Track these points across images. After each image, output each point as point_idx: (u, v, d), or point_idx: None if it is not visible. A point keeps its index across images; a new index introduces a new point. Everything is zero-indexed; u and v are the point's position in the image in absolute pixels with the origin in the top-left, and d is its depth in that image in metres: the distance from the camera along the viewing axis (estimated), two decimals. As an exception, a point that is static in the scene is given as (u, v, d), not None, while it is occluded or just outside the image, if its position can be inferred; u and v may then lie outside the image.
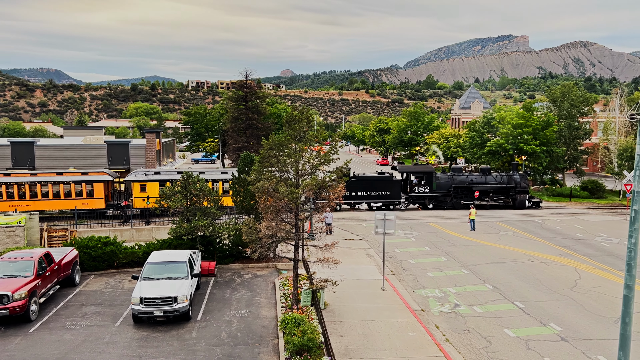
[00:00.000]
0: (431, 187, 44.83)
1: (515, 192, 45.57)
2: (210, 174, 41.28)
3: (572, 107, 58.29)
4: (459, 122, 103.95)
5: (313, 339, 15.87)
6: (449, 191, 45.01)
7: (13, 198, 38.32)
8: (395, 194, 44.09)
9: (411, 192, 44.99)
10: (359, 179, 44.30)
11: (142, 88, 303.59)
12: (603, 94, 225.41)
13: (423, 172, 45.28)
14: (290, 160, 19.18)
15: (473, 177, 45.80)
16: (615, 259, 28.40)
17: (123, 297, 21.81)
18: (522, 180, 45.78)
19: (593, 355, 16.45)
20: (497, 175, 46.25)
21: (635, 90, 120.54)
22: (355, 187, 43.75)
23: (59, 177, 39.34)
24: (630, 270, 9.52)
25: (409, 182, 45.35)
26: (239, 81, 66.99)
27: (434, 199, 45.17)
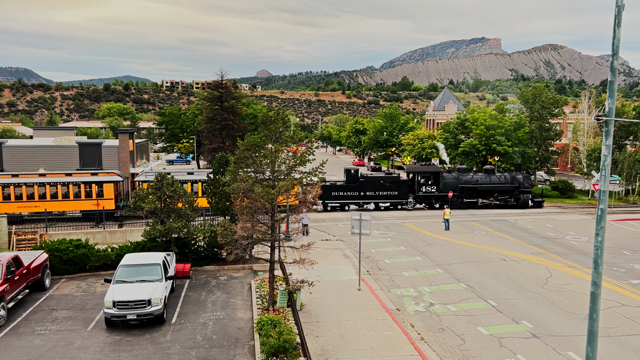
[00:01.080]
0: (438, 187, 45.55)
1: (518, 192, 46.48)
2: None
3: (543, 109, 59.60)
4: (433, 123, 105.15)
5: (289, 340, 15.85)
6: (455, 191, 45.78)
7: (21, 199, 37.65)
8: (403, 194, 44.76)
9: (418, 192, 45.58)
10: (368, 180, 44.84)
11: (115, 88, 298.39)
12: (573, 96, 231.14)
13: (430, 172, 45.99)
14: (266, 161, 19.13)
15: (478, 177, 46.65)
16: (584, 257, 29.13)
17: (95, 300, 21.40)
18: (525, 180, 46.82)
19: (563, 351, 16.85)
20: (501, 175, 47.17)
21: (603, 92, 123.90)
22: (364, 188, 44.31)
23: (69, 178, 38.90)
24: (597, 268, 9.78)
25: (416, 182, 45.88)
26: (215, 81, 66.41)
27: (440, 199, 45.86)
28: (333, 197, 43.99)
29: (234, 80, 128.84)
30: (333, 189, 44.14)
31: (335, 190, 44.16)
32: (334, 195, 44.01)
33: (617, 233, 35.71)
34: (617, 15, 9.04)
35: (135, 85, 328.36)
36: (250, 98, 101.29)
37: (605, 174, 9.53)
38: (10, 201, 37.26)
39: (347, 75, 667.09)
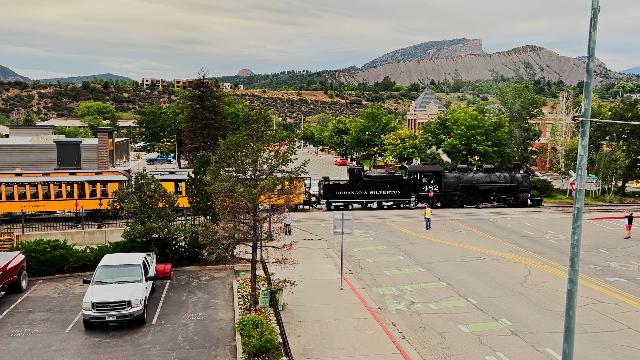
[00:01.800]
0: (440, 186, 46.02)
1: (518, 191, 47.13)
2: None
3: (522, 109, 60.52)
4: (415, 123, 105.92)
5: (271, 340, 15.82)
6: (457, 190, 46.37)
7: (25, 198, 37.08)
8: (406, 193, 45.28)
9: (421, 191, 45.98)
10: (372, 179, 45.30)
11: (94, 86, 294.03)
12: (551, 96, 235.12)
13: (432, 171, 46.50)
14: (248, 160, 19.04)
15: (478, 176, 47.24)
16: (562, 255, 29.65)
17: (74, 302, 21.07)
18: (524, 180, 47.51)
19: (541, 348, 17.12)
20: (501, 174, 47.78)
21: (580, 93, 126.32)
22: (368, 187, 44.76)
23: (73, 177, 38.30)
24: (573, 266, 9.97)
25: (418, 181, 46.20)
26: (196, 80, 65.89)
27: (442, 198, 46.34)
28: (337, 196, 44.41)
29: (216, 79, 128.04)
30: (337, 189, 44.52)
31: (339, 190, 44.55)
32: (338, 195, 44.42)
33: (594, 231, 36.43)
34: (592, 17, 9.22)
35: (115, 83, 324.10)
36: (232, 97, 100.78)
37: (581, 174, 9.71)
38: (14, 200, 36.96)
39: (330, 75, 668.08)
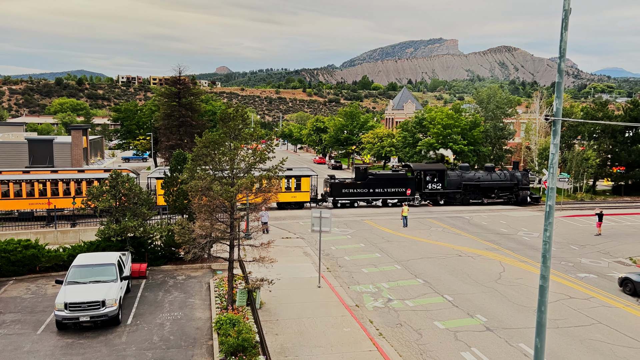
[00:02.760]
0: (443, 184, 46.77)
1: (518, 189, 48.03)
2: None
3: (497, 109, 61.46)
4: (392, 122, 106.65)
5: (248, 339, 15.76)
6: (459, 188, 47.08)
7: (33, 196, 36.86)
8: (411, 190, 45.96)
9: (424, 189, 46.68)
10: (377, 177, 45.92)
11: (67, 83, 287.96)
12: (525, 96, 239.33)
13: (436, 170, 47.22)
14: (225, 158, 18.91)
15: (480, 174, 48.03)
16: (535, 251, 30.24)
17: (46, 303, 20.64)
18: (524, 178, 48.48)
19: (515, 343, 17.46)
20: (501, 173, 48.62)
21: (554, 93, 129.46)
22: (373, 185, 45.36)
23: (81, 175, 38.08)
24: (545, 262, 10.18)
25: (422, 179, 46.77)
26: (172, 77, 65.14)
27: (445, 196, 47.10)
28: (343, 194, 45.01)
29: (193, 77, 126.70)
30: (343, 187, 45.18)
31: (345, 188, 45.20)
32: (344, 193, 45.03)
33: (566, 229, 37.25)
34: (564, 19, 9.42)
35: (89, 80, 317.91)
36: (209, 95, 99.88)
37: (553, 172, 9.92)
38: (22, 197, 36.85)
39: (308, 73, 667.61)
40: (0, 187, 36.53)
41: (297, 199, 43.95)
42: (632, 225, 39.08)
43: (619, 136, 55.99)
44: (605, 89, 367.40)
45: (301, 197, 44.03)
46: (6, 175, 37.05)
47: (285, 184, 43.58)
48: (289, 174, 43.34)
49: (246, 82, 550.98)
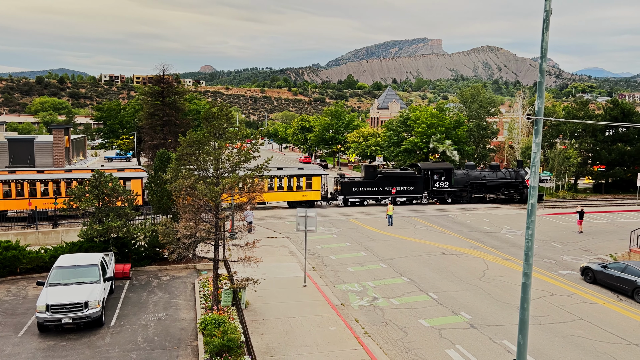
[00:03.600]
0: (450, 182, 47.56)
1: (522, 187, 48.72)
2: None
3: (481, 108, 62.04)
4: (377, 122, 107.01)
5: (233, 339, 15.70)
6: (465, 186, 47.86)
7: (47, 195, 37.06)
8: (419, 189, 47.05)
9: (432, 187, 47.46)
10: (386, 176, 46.59)
11: (49, 81, 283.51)
12: (508, 96, 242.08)
13: (443, 169, 47.99)
14: (210, 158, 18.79)
15: (485, 173, 48.87)
16: (518, 249, 30.61)
17: (27, 305, 20.32)
18: None
19: (499, 340, 17.65)
20: (506, 171, 49.46)
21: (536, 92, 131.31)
22: (382, 183, 46.10)
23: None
24: (527, 259, 10.31)
25: (430, 178, 47.46)
26: (156, 76, 64.54)
27: (452, 194, 47.84)
28: (353, 192, 45.72)
29: (177, 75, 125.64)
30: (353, 185, 45.90)
31: (356, 186, 45.89)
32: (354, 191, 45.75)
33: (548, 226, 37.77)
34: (545, 19, 9.54)
35: (71, 78, 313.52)
36: (193, 93, 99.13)
37: (535, 170, 10.05)
38: (37, 197, 37.08)
39: (293, 73, 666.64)
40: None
41: (308, 198, 44.62)
42: (613, 222, 39.77)
43: (600, 135, 56.91)
44: (586, 88, 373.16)
45: (312, 195, 44.67)
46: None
47: (296, 183, 44.26)
48: (300, 173, 44.39)
49: (231, 81, 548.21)
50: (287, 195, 44.26)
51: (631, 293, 22.27)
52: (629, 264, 23.16)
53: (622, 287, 22.73)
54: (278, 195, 44.01)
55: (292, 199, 44.20)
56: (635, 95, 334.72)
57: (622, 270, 23.03)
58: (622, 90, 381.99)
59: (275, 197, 43.97)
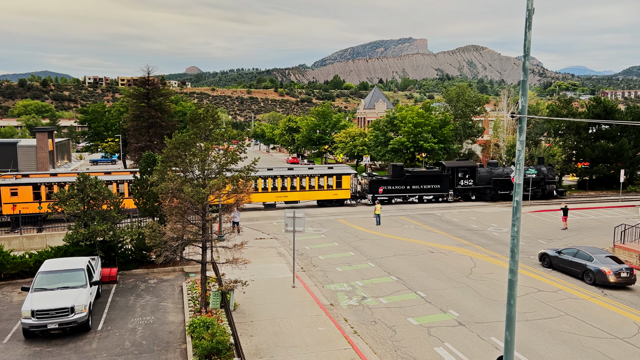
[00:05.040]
0: (474, 180, 48.32)
1: (544, 183, 49.61)
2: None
3: (466, 107, 62.51)
4: (364, 121, 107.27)
5: (222, 341, 15.63)
6: (489, 183, 48.52)
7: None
8: (445, 187, 48.18)
9: (457, 185, 48.19)
10: (413, 174, 47.46)
11: (31, 84, 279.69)
12: (493, 94, 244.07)
13: (467, 167, 48.77)
14: (196, 159, 18.69)
15: (508, 170, 49.49)
16: (505, 247, 30.89)
17: (12, 311, 20.03)
18: (549, 172, 50.16)
19: (486, 337, 17.80)
20: (528, 168, 49.65)
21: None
22: (410, 182, 47.04)
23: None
24: (514, 256, 10.40)
25: (455, 176, 48.13)
26: (141, 78, 63.90)
27: (476, 191, 48.67)
28: (382, 190, 46.50)
29: (162, 77, 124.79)
30: (381, 184, 46.69)
31: (384, 185, 46.69)
32: (383, 189, 46.53)
33: (534, 223, 38.16)
34: (527, 18, 9.64)
35: (54, 81, 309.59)
36: (179, 95, 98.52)
37: (519, 168, 10.15)
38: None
39: (280, 73, 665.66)
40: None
41: (338, 197, 45.64)
42: (597, 218, 40.31)
43: (583, 132, 57.65)
44: (569, 86, 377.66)
45: (342, 194, 45.70)
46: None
47: (326, 182, 45.10)
48: (330, 172, 45.44)
49: (217, 82, 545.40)
50: (317, 194, 45.39)
51: (581, 275, 24.39)
52: (580, 249, 25.26)
53: (574, 270, 24.85)
54: (308, 194, 45.09)
55: (322, 197, 45.45)
56: (617, 93, 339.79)
57: (574, 255, 25.17)
58: (604, 88, 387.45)
59: (305, 196, 45.13)
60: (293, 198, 44.69)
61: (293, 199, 44.76)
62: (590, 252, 24.67)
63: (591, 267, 23.82)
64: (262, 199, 43.86)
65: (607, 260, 23.81)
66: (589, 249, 25.13)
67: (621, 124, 43.75)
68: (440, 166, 49.56)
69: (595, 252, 24.76)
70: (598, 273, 23.42)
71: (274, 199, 44.17)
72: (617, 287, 23.30)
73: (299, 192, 44.56)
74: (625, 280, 23.21)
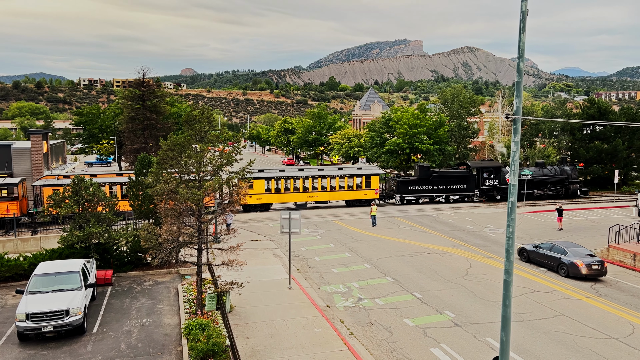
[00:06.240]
0: (499, 180, 48.71)
1: (568, 183, 49.98)
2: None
3: (462, 108, 62.66)
4: (360, 123, 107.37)
5: (218, 343, 15.59)
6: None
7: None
8: (471, 187, 48.63)
9: (482, 185, 48.60)
10: (440, 175, 47.94)
11: (26, 86, 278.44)
12: (488, 96, 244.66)
13: (492, 167, 49.23)
14: (191, 161, 18.66)
15: (532, 170, 49.56)
16: (500, 247, 30.97)
17: (6, 314, 19.91)
18: (573, 172, 50.57)
19: (482, 338, 17.83)
20: (552, 168, 50.57)
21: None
22: (437, 182, 47.53)
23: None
24: (509, 257, 10.43)
25: (480, 176, 48.53)
26: (136, 79, 63.78)
27: (501, 191, 49.02)
28: (410, 191, 47.38)
29: (157, 79, 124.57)
30: (409, 184, 47.43)
31: (412, 185, 47.41)
32: (410, 190, 47.39)
33: (529, 224, 38.29)
34: (522, 20, 9.69)
35: (49, 83, 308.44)
36: (174, 97, 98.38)
37: (514, 169, 10.18)
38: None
39: (275, 75, 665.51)
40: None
41: (367, 197, 46.17)
42: (591, 219, 40.48)
43: (578, 133, 57.91)
44: (564, 88, 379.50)
45: (370, 194, 46.25)
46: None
47: (355, 182, 45.75)
48: (359, 172, 46.06)
49: (212, 83, 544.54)
50: (346, 194, 45.95)
51: (556, 268, 25.68)
52: (556, 244, 26.60)
53: (549, 263, 26.12)
54: (338, 194, 45.77)
55: (351, 197, 46.05)
56: (611, 94, 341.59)
57: (549, 249, 26.44)
58: (598, 89, 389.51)
59: (335, 196, 45.91)
60: (323, 198, 45.75)
61: (323, 199, 45.81)
62: (564, 246, 26.04)
63: (565, 260, 25.14)
64: (294, 199, 44.68)
65: (580, 254, 25.08)
66: (564, 244, 26.45)
67: (615, 124, 43.96)
68: (466, 166, 50.05)
69: (570, 246, 26.07)
70: (571, 266, 24.72)
71: (305, 199, 44.95)
72: (589, 278, 24.52)
73: (329, 192, 45.50)
74: (596, 272, 24.42)
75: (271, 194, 43.65)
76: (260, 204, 43.46)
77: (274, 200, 43.87)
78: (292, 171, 45.67)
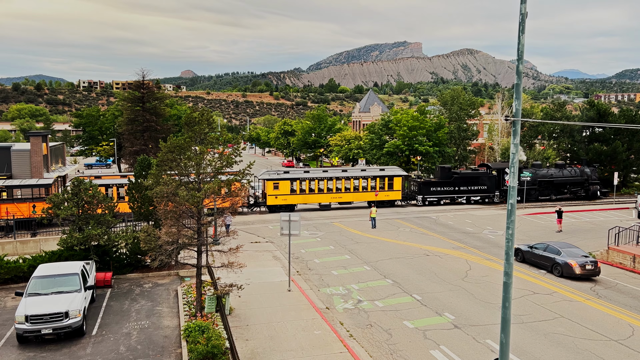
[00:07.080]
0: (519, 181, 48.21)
1: (588, 184, 50.03)
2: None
3: (461, 110, 62.73)
4: (359, 125, 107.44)
5: (218, 346, 15.58)
6: (534, 184, 48.81)
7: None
8: (491, 188, 48.81)
9: (502, 186, 48.70)
10: (461, 176, 48.17)
11: (25, 88, 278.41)
12: (488, 98, 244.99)
13: None
14: (191, 163, 18.66)
15: (552, 171, 50.08)
16: (500, 249, 30.97)
17: (5, 316, 19.89)
18: (593, 173, 50.62)
19: (482, 340, 17.82)
20: (572, 169, 50.63)
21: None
22: (458, 183, 47.72)
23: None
24: (508, 259, 10.44)
25: (500, 177, 48.67)
26: (136, 81, 63.79)
27: (520, 193, 48.77)
28: (431, 192, 47.63)
29: (157, 81, 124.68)
30: (431, 185, 47.71)
31: (433, 186, 47.66)
32: (432, 191, 47.63)
33: (529, 226, 38.29)
34: (521, 22, 9.71)
35: (48, 85, 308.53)
36: (174, 99, 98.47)
37: (514, 171, 10.20)
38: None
39: (275, 77, 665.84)
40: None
41: (390, 197, 46.66)
42: (591, 221, 40.49)
43: (577, 135, 57.96)
44: (563, 90, 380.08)
45: (393, 195, 46.76)
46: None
47: (379, 183, 46.18)
48: (382, 174, 46.47)
49: (212, 85, 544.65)
50: (369, 195, 46.23)
51: (550, 268, 25.94)
52: (550, 244, 26.89)
53: (544, 263, 26.43)
54: (361, 195, 46.36)
55: (374, 198, 46.13)
56: (610, 96, 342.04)
57: (544, 250, 26.75)
58: (597, 91, 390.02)
59: (358, 197, 46.42)
60: (347, 199, 46.14)
61: (347, 200, 46.22)
62: (558, 246, 26.34)
63: (559, 260, 25.40)
64: (318, 200, 45.11)
65: (573, 254, 25.35)
66: (558, 244, 26.75)
67: (615, 127, 44.00)
68: (487, 167, 50.17)
69: (564, 246, 26.38)
70: (565, 266, 24.98)
71: (329, 200, 45.43)
72: (583, 278, 24.76)
73: (353, 194, 45.96)
74: (590, 272, 24.66)
75: (296, 194, 43.98)
76: (285, 204, 43.77)
77: (299, 201, 44.20)
78: (317, 172, 45.90)
